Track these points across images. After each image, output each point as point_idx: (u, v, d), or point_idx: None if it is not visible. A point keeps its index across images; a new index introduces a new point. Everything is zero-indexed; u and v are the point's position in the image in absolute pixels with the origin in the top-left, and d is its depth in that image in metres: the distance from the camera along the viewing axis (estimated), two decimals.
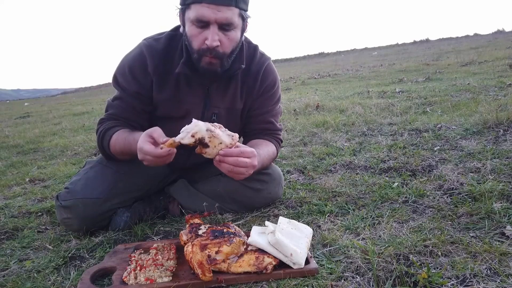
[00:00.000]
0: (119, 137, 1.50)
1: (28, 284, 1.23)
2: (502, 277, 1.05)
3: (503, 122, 2.57)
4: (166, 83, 1.54)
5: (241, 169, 1.29)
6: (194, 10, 1.35)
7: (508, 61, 6.32)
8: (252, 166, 1.33)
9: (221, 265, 1.18)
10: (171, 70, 1.53)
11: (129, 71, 1.53)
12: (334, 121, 3.45)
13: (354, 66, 11.80)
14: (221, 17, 1.35)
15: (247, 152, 1.30)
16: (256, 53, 1.64)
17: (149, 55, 1.52)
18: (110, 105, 1.61)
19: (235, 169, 1.29)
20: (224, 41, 1.40)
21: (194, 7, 1.35)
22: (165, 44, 1.54)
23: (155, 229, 1.62)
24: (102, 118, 1.61)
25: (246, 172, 1.31)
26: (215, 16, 1.34)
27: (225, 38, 1.40)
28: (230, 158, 1.27)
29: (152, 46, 1.53)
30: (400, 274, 1.09)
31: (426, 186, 1.78)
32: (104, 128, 1.55)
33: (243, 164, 1.29)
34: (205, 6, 1.33)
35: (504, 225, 1.33)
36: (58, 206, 1.56)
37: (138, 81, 1.53)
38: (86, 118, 6.88)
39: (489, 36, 18.68)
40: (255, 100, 1.64)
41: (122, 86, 1.56)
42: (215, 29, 1.37)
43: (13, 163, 3.35)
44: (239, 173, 1.31)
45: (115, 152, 1.54)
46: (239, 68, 1.54)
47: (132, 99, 1.55)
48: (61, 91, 50.73)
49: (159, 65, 1.53)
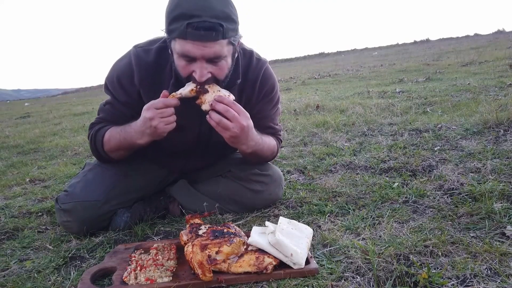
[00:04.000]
0: (113, 132, 1.50)
1: (28, 284, 1.23)
2: (502, 277, 1.05)
3: (504, 122, 2.57)
4: (156, 95, 1.44)
5: (227, 122, 1.28)
6: (179, 45, 1.28)
7: (508, 61, 6.31)
8: (240, 125, 1.32)
9: (221, 265, 1.18)
10: (161, 83, 1.47)
11: (118, 81, 1.51)
12: (334, 121, 3.45)
13: (355, 66, 11.80)
14: (208, 52, 1.27)
15: (238, 106, 1.31)
16: (252, 60, 1.58)
17: (137, 66, 1.47)
18: (102, 109, 1.61)
19: (222, 121, 1.28)
20: (214, 71, 1.33)
21: (179, 42, 1.27)
22: (155, 56, 1.48)
23: (155, 229, 1.62)
24: (92, 122, 1.61)
25: (232, 128, 1.30)
26: (202, 52, 1.26)
27: (216, 68, 1.33)
28: (221, 105, 1.28)
29: (141, 58, 1.47)
30: (401, 274, 1.09)
31: (426, 186, 1.78)
32: (94, 130, 1.55)
33: (231, 116, 1.28)
34: (190, 43, 1.25)
35: (505, 225, 1.33)
36: (57, 209, 1.56)
37: (126, 91, 1.51)
38: (87, 118, 6.87)
39: (490, 36, 18.68)
40: (254, 106, 1.60)
41: (112, 93, 1.55)
42: (203, 64, 1.30)
43: (14, 163, 3.35)
44: (226, 127, 1.30)
45: (110, 149, 1.53)
46: (235, 83, 1.49)
47: (122, 106, 1.54)
48: (62, 91, 50.74)
49: (146, 77, 1.48)
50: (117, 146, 1.50)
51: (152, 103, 1.34)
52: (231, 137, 1.35)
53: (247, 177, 1.69)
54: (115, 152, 1.54)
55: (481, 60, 7.41)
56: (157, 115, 1.33)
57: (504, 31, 20.02)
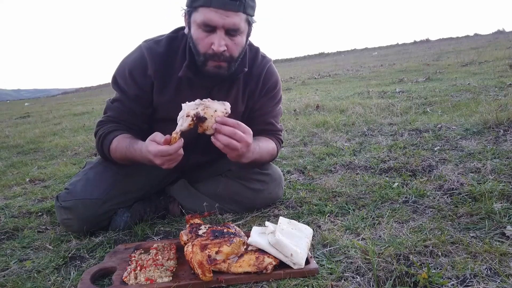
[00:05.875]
0: (120, 144, 1.49)
1: (28, 284, 1.23)
2: (502, 277, 1.05)
3: (503, 122, 2.57)
4: (167, 86, 1.53)
5: (236, 143, 1.29)
6: (201, 14, 1.33)
7: (508, 61, 6.31)
8: (247, 144, 1.32)
9: (221, 265, 1.18)
10: (172, 73, 1.52)
11: (129, 74, 1.52)
12: (334, 121, 3.45)
13: (354, 66, 11.80)
14: (229, 22, 1.33)
15: (243, 125, 1.32)
16: (257, 56, 1.63)
17: (150, 58, 1.50)
18: (109, 107, 1.60)
19: (231, 143, 1.28)
20: (230, 45, 1.38)
21: (202, 10, 1.33)
22: (166, 46, 1.53)
23: (155, 229, 1.62)
24: (101, 120, 1.60)
25: (240, 148, 1.31)
26: (223, 21, 1.32)
27: (232, 42, 1.38)
28: (227, 128, 1.27)
29: (153, 49, 1.52)
30: (400, 274, 1.09)
31: (426, 186, 1.78)
32: (103, 132, 1.54)
33: (239, 137, 1.29)
34: (213, 11, 1.31)
35: (504, 225, 1.33)
36: (58, 207, 1.56)
37: (138, 84, 1.52)
38: (87, 118, 6.88)
39: (489, 36, 18.67)
40: (256, 101, 1.64)
41: (122, 88, 1.55)
42: (222, 34, 1.35)
43: (13, 163, 3.35)
44: (234, 148, 1.30)
45: (115, 158, 1.54)
46: (242, 71, 1.53)
47: (131, 102, 1.55)
48: (62, 91, 50.74)
49: (160, 68, 1.51)
50: (122, 158, 1.51)
51: (159, 152, 1.28)
52: (237, 155, 1.36)
53: (247, 176, 1.70)
54: (120, 160, 1.54)
55: (481, 60, 7.41)
56: (166, 161, 1.32)
57: (504, 31, 20.01)
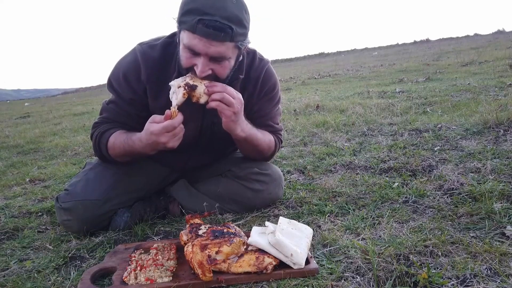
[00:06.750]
0: (118, 140, 1.49)
1: (28, 284, 1.23)
2: (502, 277, 1.05)
3: (503, 122, 2.57)
4: (162, 91, 1.49)
5: (231, 99, 1.33)
6: (186, 37, 1.28)
7: (508, 61, 6.30)
8: (240, 101, 1.37)
9: (221, 265, 1.18)
10: (166, 79, 1.47)
11: (123, 78, 1.50)
12: (334, 121, 3.45)
13: (354, 66, 11.80)
14: (213, 51, 1.28)
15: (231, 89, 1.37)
16: (255, 59, 1.60)
17: (143, 63, 1.48)
18: (105, 108, 1.60)
19: (225, 98, 1.33)
20: (216, 69, 1.34)
21: (187, 34, 1.28)
22: (161, 52, 1.49)
23: (155, 229, 1.62)
24: (96, 121, 1.60)
25: (235, 104, 1.35)
26: (207, 49, 1.27)
27: (218, 66, 1.34)
28: (217, 88, 1.33)
29: (147, 54, 1.49)
30: (400, 274, 1.09)
31: (426, 186, 1.78)
32: (99, 132, 1.54)
33: (231, 93, 1.34)
34: (198, 38, 1.25)
35: (504, 225, 1.33)
36: (58, 208, 1.56)
37: (132, 87, 1.51)
38: (87, 118, 6.88)
39: (489, 36, 18.68)
40: (255, 103, 1.62)
41: (117, 91, 1.54)
42: (205, 61, 1.30)
43: (14, 163, 3.35)
44: (229, 103, 1.34)
45: (114, 155, 1.53)
46: (237, 78, 1.51)
47: (126, 105, 1.54)
48: (62, 91, 50.73)
49: (153, 73, 1.49)
50: (122, 153, 1.51)
51: (163, 128, 1.32)
52: (233, 113, 1.37)
53: (247, 176, 1.70)
54: (120, 157, 1.54)
55: (481, 60, 7.41)
56: (171, 136, 1.34)
57: (504, 31, 20.01)
